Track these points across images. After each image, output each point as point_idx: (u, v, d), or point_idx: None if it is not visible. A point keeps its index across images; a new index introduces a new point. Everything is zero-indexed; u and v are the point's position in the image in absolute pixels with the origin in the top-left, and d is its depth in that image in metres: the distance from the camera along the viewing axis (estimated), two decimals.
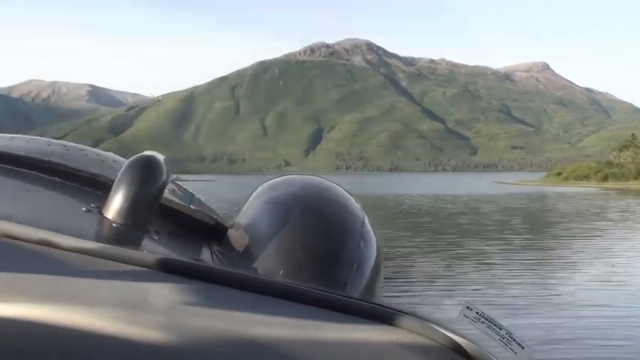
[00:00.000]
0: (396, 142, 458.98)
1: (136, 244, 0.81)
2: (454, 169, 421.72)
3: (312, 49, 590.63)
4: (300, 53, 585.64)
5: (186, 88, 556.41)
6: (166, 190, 0.94)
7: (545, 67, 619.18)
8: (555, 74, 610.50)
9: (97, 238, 0.78)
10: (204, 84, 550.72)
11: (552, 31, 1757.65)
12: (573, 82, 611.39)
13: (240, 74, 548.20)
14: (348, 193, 1.12)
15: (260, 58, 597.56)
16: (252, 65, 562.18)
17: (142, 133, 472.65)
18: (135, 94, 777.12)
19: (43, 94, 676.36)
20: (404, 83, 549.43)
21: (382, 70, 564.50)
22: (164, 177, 0.90)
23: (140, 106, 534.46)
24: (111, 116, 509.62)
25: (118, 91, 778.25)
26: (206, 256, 0.98)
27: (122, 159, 1.25)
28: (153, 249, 0.80)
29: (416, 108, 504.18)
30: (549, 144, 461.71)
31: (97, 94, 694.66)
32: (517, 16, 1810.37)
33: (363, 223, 1.04)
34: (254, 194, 1.13)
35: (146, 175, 0.88)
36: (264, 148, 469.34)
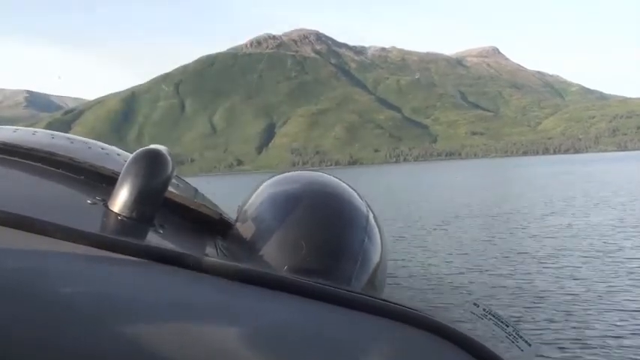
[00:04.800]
0: (352, 134, 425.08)
1: (141, 237, 0.80)
2: (416, 159, 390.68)
3: (258, 42, 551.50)
4: (246, 46, 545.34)
5: (127, 87, 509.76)
6: (170, 184, 0.92)
7: (496, 51, 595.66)
8: (506, 58, 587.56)
9: (103, 230, 0.77)
10: (146, 82, 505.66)
11: (499, 15, 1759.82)
12: (523, 65, 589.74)
13: (183, 70, 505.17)
14: (353, 189, 1.11)
15: (204, 53, 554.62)
16: (196, 60, 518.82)
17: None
18: (76, 98, 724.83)
19: None
20: (355, 73, 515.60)
21: (333, 61, 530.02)
22: (169, 170, 0.88)
23: (78, 109, 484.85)
24: (46, 121, 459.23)
25: (57, 96, 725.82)
26: (211, 250, 0.97)
27: (126, 152, 1.25)
28: (158, 242, 0.80)
29: (370, 97, 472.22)
30: (509, 128, 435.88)
31: (35, 99, 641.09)
32: (464, 1, 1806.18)
33: (367, 219, 1.03)
34: (258, 190, 1.11)
35: (152, 168, 0.86)
36: (213, 147, 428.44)
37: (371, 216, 1.06)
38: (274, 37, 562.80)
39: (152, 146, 0.90)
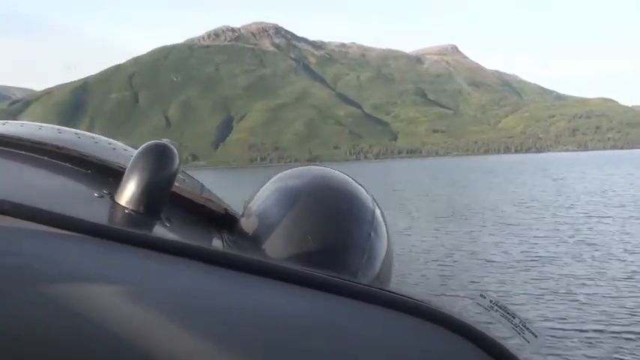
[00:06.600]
0: (312, 130, 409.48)
1: (147, 230, 0.80)
2: (377, 157, 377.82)
3: (216, 34, 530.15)
4: (203, 38, 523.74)
5: (78, 78, 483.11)
6: (177, 179, 0.92)
7: (455, 49, 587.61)
8: (465, 57, 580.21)
9: (110, 224, 0.74)
10: (98, 73, 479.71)
11: (458, 13, 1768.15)
12: (482, 64, 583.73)
13: (137, 62, 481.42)
14: (359, 183, 1.10)
15: (159, 44, 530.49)
16: (150, 52, 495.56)
17: None
18: (24, 89, 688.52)
19: None
20: (315, 68, 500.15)
21: (292, 55, 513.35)
22: (176, 164, 0.88)
23: (25, 100, 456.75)
24: None
25: (4, 86, 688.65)
26: (217, 244, 0.97)
27: (132, 148, 1.24)
28: (164, 235, 0.79)
29: (330, 93, 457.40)
30: (469, 126, 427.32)
31: None
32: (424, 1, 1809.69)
33: (373, 214, 1.03)
34: (265, 185, 1.11)
35: (159, 162, 0.85)
36: None
37: (377, 211, 1.06)
38: (232, 30, 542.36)
39: (158, 140, 0.90)
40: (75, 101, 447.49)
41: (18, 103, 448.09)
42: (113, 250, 0.51)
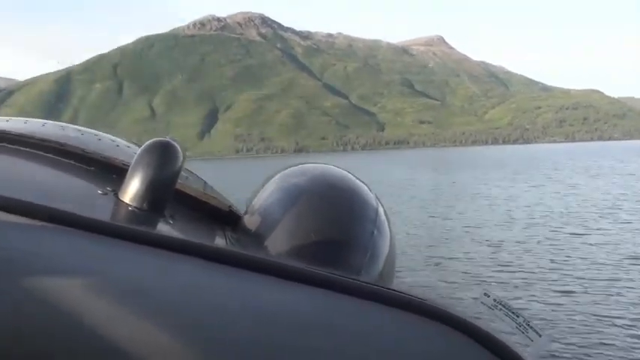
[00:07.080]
0: (299, 121, 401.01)
1: (151, 226, 0.80)
2: (364, 148, 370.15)
3: (201, 23, 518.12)
4: (188, 27, 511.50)
5: (62, 68, 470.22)
6: (180, 176, 0.91)
7: (441, 40, 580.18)
8: (451, 48, 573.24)
9: (114, 221, 0.74)
10: (82, 63, 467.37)
11: (444, 5, 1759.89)
12: (468, 55, 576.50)
13: (122, 51, 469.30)
14: (362, 182, 1.09)
15: (143, 34, 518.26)
16: (135, 41, 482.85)
17: None
18: (8, 79, 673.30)
19: None
20: (302, 58, 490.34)
21: (278, 45, 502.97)
22: (180, 162, 0.87)
23: (7, 90, 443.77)
24: None
25: None
26: (220, 241, 0.96)
27: (135, 145, 1.24)
28: (168, 232, 0.78)
29: (317, 83, 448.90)
30: (456, 117, 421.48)
31: None
32: None
33: (377, 212, 1.02)
34: (269, 182, 1.10)
35: (163, 159, 0.85)
36: (152, 132, 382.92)
37: (380, 209, 1.04)
38: (218, 19, 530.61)
39: (162, 137, 0.89)
40: (58, 91, 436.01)
41: (0, 93, 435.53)
42: (110, 246, 0.50)
